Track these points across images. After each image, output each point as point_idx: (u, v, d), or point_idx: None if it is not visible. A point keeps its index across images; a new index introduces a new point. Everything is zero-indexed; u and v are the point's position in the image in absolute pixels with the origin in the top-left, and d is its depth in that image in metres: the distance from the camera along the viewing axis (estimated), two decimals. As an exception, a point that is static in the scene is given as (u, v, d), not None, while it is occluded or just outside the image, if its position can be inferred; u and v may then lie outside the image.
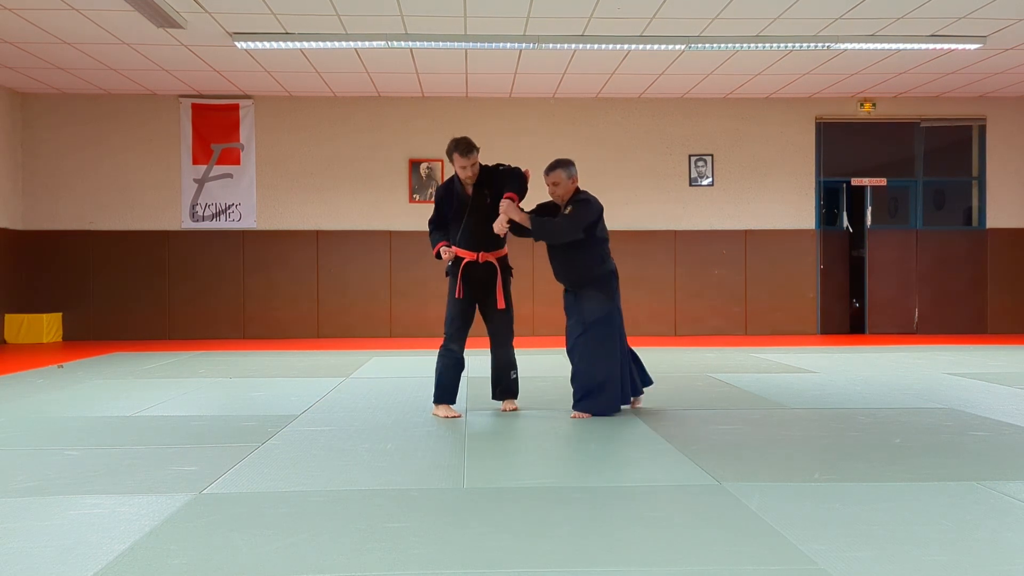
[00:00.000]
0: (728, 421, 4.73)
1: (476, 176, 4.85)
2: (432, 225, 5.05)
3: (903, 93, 11.19)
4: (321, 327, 11.24)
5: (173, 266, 11.13)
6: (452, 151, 4.80)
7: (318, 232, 11.25)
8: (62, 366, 7.69)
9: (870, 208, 11.61)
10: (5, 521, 2.84)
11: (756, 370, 7.21)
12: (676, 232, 11.46)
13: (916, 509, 2.94)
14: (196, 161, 11.10)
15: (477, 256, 4.87)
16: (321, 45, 8.63)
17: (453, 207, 4.91)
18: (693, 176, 11.50)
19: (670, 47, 8.82)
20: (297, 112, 11.21)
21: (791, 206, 11.57)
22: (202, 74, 10.04)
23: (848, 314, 12.02)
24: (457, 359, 4.96)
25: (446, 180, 5.05)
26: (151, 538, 2.65)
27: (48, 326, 10.66)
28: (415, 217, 11.22)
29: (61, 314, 10.97)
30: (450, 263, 4.93)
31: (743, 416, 4.90)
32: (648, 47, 8.81)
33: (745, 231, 11.52)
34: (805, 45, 8.76)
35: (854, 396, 5.69)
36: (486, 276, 4.90)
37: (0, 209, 10.54)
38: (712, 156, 11.51)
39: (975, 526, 2.75)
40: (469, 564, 2.41)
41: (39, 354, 9.01)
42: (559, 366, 7.49)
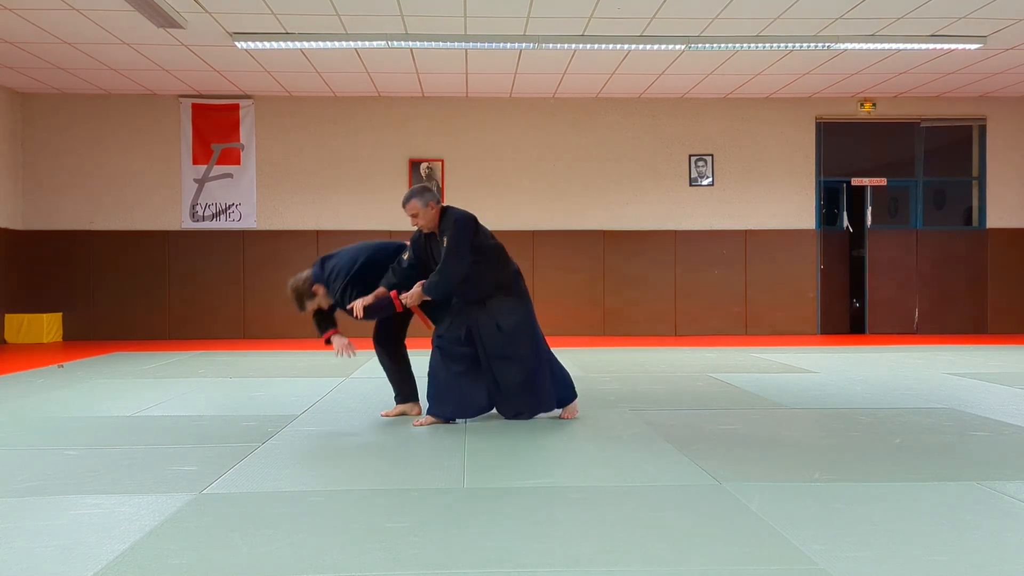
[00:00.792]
0: (728, 421, 4.72)
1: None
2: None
3: (903, 93, 11.19)
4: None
5: (173, 266, 11.13)
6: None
7: (318, 232, 11.25)
8: (62, 366, 7.68)
9: (870, 208, 11.61)
10: (5, 521, 2.84)
11: (756, 370, 7.20)
12: (676, 232, 11.46)
13: (916, 509, 2.94)
14: (196, 161, 11.10)
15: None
16: (321, 45, 8.63)
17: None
18: (693, 176, 11.50)
19: (670, 47, 8.82)
20: (297, 112, 11.21)
21: (791, 206, 11.57)
22: (202, 74, 10.04)
23: (848, 314, 12.02)
24: None
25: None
26: (151, 538, 2.65)
27: (48, 326, 10.66)
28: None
29: (61, 314, 10.97)
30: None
31: (743, 416, 4.89)
32: (648, 47, 8.81)
33: (745, 231, 11.52)
34: (805, 45, 8.76)
35: (854, 396, 5.68)
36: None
37: (0, 209, 10.54)
38: (712, 156, 11.51)
39: (975, 526, 2.75)
40: (469, 564, 2.41)
41: (39, 354, 9.00)
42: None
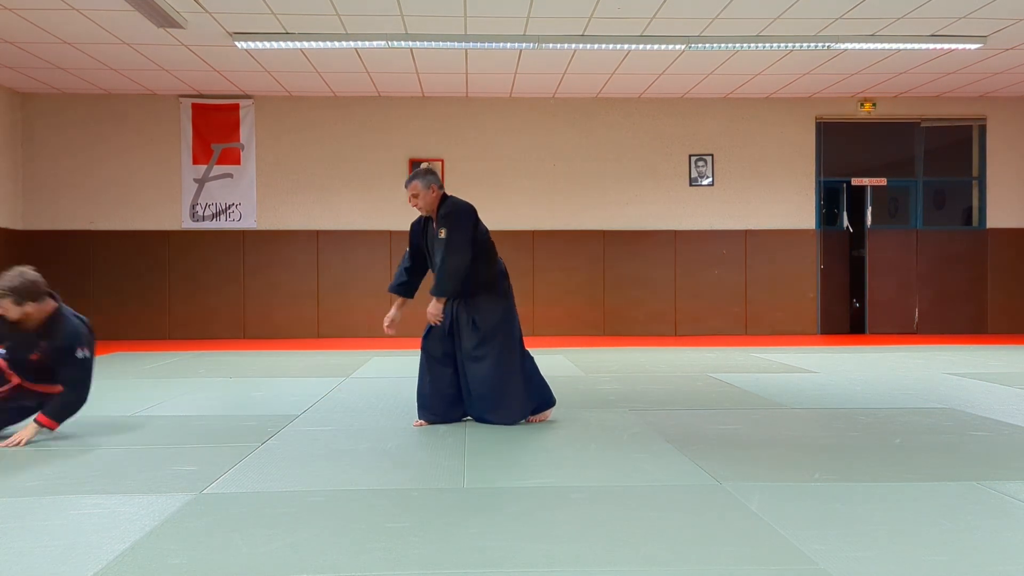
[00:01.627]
0: (728, 421, 4.72)
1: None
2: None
3: (903, 93, 11.19)
4: (321, 327, 11.24)
5: (173, 266, 11.13)
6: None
7: (318, 232, 11.25)
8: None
9: (870, 208, 11.61)
10: (5, 521, 2.84)
11: (756, 370, 7.20)
12: (676, 232, 11.46)
13: (916, 509, 2.94)
14: (196, 161, 11.10)
15: None
16: (321, 45, 8.63)
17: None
18: (693, 176, 11.50)
19: (670, 47, 8.82)
20: (297, 112, 11.21)
21: (791, 206, 11.57)
22: (202, 74, 10.04)
23: (848, 314, 12.01)
24: None
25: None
26: (151, 538, 2.65)
27: (48, 326, 10.64)
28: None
29: (61, 314, 10.96)
30: None
31: (743, 416, 4.89)
32: (648, 47, 8.81)
33: (745, 231, 11.52)
34: (805, 45, 8.76)
35: (854, 396, 5.68)
36: None
37: (0, 209, 10.54)
38: (712, 156, 11.51)
39: (975, 526, 2.75)
40: (469, 564, 2.41)
41: (39, 354, 8.98)
42: (558, 366, 7.49)
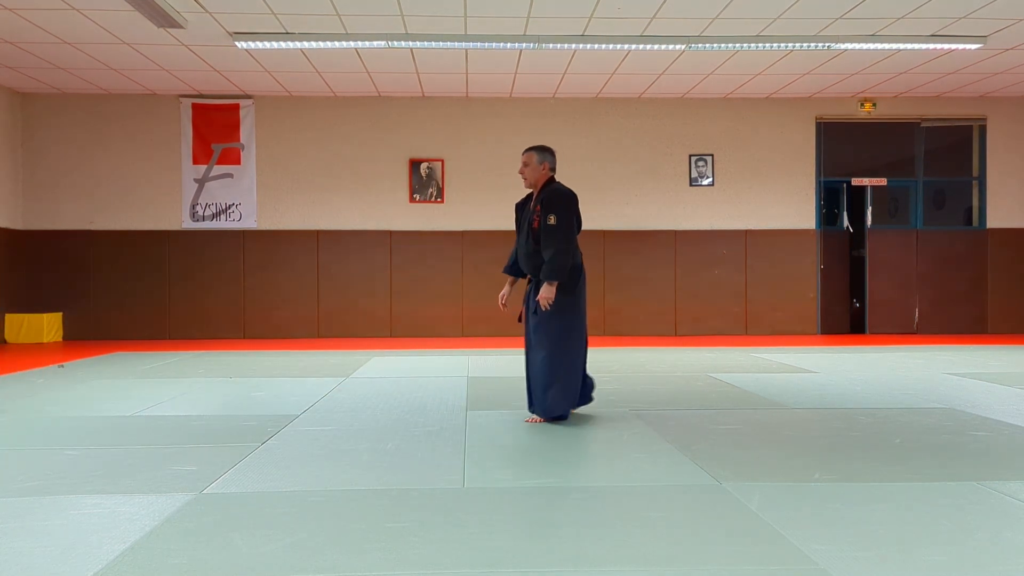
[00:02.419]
0: (728, 421, 4.72)
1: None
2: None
3: (903, 93, 11.19)
4: (321, 327, 11.24)
5: (173, 266, 11.13)
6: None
7: (318, 232, 11.25)
8: (62, 366, 7.68)
9: (870, 208, 11.61)
10: (5, 521, 2.84)
11: (756, 370, 7.20)
12: (676, 232, 11.46)
13: (916, 509, 2.94)
14: (196, 161, 11.10)
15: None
16: (321, 45, 8.63)
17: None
18: (693, 176, 11.50)
19: (670, 47, 8.82)
20: (297, 112, 11.21)
21: (791, 206, 11.57)
22: (202, 74, 10.04)
23: (848, 314, 12.01)
24: None
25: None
26: (151, 538, 2.65)
27: (48, 326, 10.66)
28: (415, 217, 11.24)
29: (61, 314, 10.97)
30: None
31: (743, 416, 4.89)
32: (648, 47, 8.81)
33: (745, 231, 11.52)
34: (805, 45, 8.76)
35: (854, 396, 5.68)
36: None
37: (0, 209, 10.54)
38: (712, 156, 11.51)
39: (975, 526, 2.75)
40: (469, 564, 2.41)
41: (39, 354, 9.00)
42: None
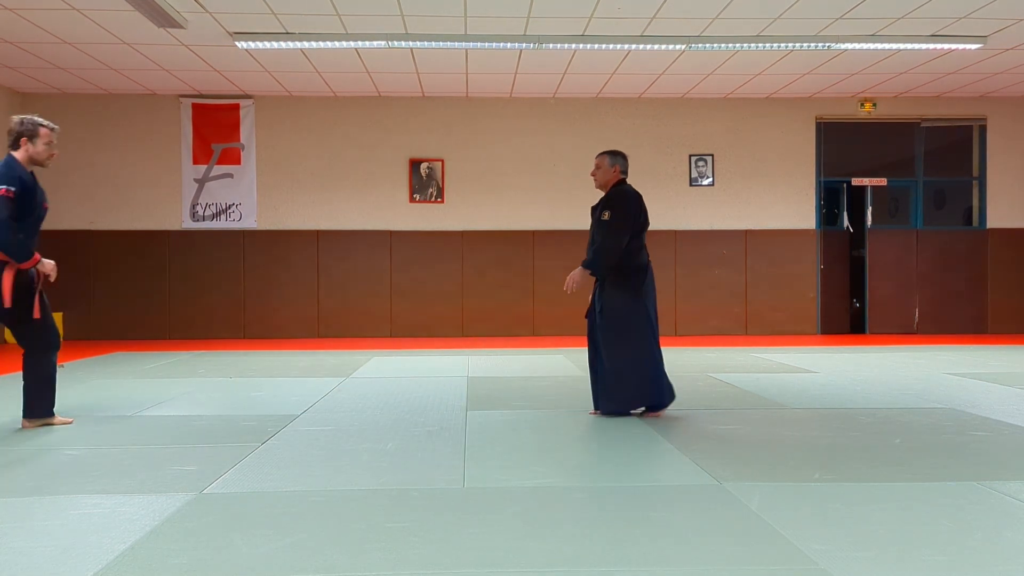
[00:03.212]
0: (728, 421, 4.72)
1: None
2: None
3: (903, 93, 11.19)
4: (321, 327, 11.24)
5: (173, 266, 11.13)
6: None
7: (318, 232, 11.25)
8: (62, 366, 7.68)
9: (870, 208, 11.60)
10: (5, 521, 2.84)
11: (756, 370, 7.20)
12: (676, 232, 11.46)
13: (916, 509, 2.94)
14: (196, 161, 11.10)
15: None
16: (321, 45, 8.63)
17: None
18: (693, 176, 11.50)
19: (670, 47, 8.82)
20: (297, 112, 11.20)
21: (791, 206, 11.57)
22: (202, 74, 10.04)
23: (848, 314, 12.01)
24: None
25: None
26: (151, 538, 2.65)
27: (48, 326, 10.64)
28: (415, 217, 11.23)
29: (61, 314, 10.96)
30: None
31: (743, 416, 4.89)
32: (648, 47, 8.81)
33: (745, 231, 11.52)
34: (805, 45, 8.75)
35: (854, 396, 5.68)
36: None
37: (0, 209, 10.52)
38: (712, 156, 11.51)
39: (975, 526, 2.75)
40: (469, 564, 2.41)
41: (39, 354, 8.98)
42: (558, 366, 7.49)
